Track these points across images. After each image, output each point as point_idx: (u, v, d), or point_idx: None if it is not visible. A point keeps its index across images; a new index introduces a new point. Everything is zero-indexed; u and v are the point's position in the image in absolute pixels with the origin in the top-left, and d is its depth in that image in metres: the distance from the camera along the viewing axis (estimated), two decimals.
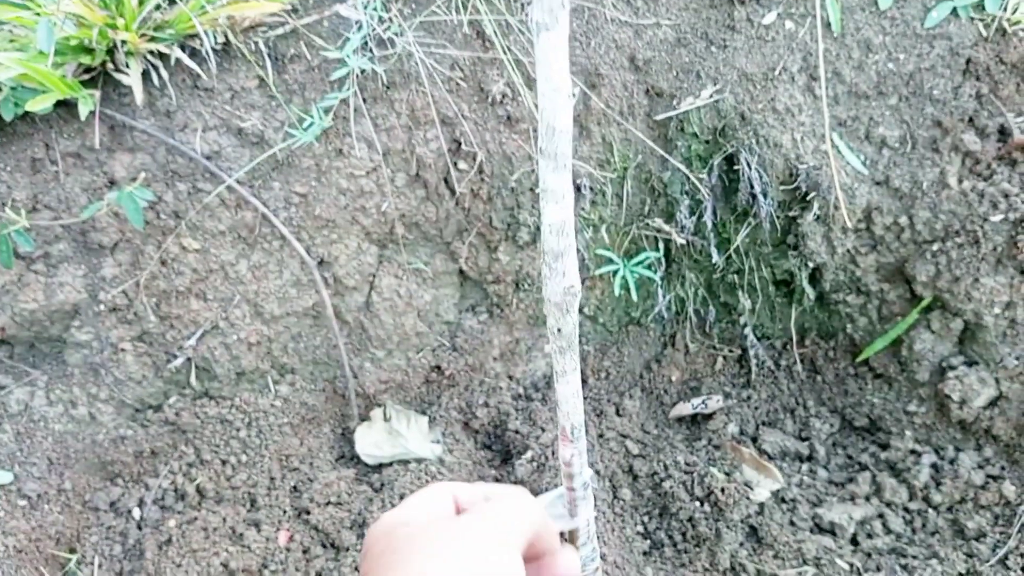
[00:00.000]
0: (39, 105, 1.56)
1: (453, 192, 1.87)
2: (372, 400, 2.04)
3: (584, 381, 2.17)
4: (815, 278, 1.96)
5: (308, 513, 1.83)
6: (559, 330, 0.92)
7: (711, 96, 1.82)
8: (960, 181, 1.78)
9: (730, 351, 2.16)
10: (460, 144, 1.82)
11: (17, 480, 1.77)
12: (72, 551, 1.77)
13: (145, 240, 1.78)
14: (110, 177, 1.75)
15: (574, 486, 1.08)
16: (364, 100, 1.76)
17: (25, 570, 1.70)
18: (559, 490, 0.98)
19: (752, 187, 1.81)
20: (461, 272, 2.03)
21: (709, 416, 2.09)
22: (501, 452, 2.06)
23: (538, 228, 1.92)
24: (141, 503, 1.82)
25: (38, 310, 1.77)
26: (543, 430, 1.98)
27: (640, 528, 1.87)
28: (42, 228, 1.74)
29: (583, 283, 2.06)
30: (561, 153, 0.74)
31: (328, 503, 1.85)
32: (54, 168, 1.75)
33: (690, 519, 1.82)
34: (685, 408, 2.11)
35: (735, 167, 1.83)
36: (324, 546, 1.80)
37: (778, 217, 1.86)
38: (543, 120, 0.71)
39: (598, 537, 1.77)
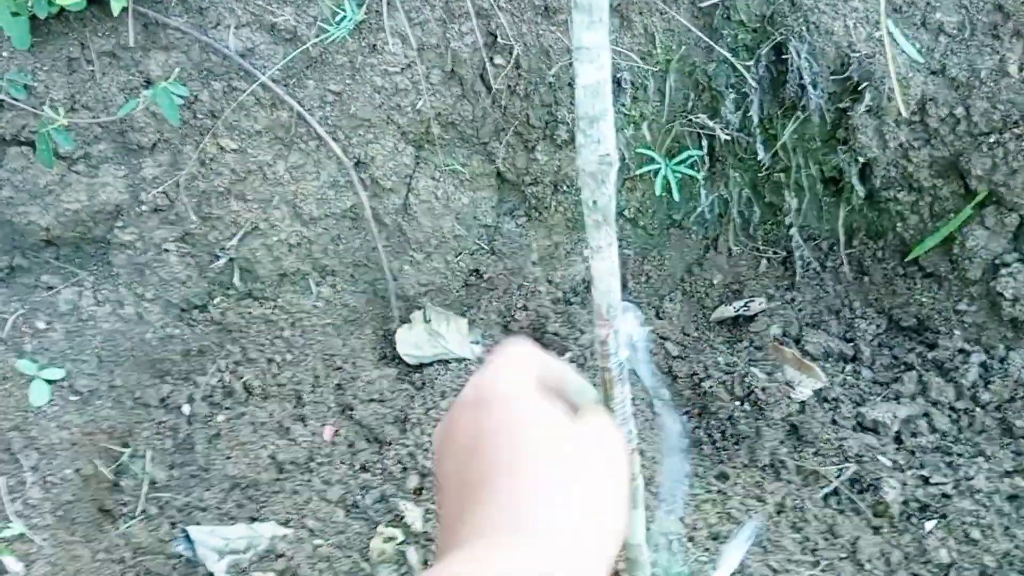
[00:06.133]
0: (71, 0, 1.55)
1: (489, 89, 1.83)
2: (412, 303, 2.05)
3: (624, 285, 2.14)
4: (865, 175, 1.89)
5: (352, 409, 1.86)
6: (594, 202, 0.89)
7: None
8: (1020, 69, 1.69)
9: (774, 253, 2.11)
10: (496, 37, 1.77)
11: (69, 376, 1.82)
12: (125, 445, 1.83)
13: (183, 140, 1.78)
14: (146, 76, 1.74)
15: (609, 366, 1.07)
16: None
17: (80, 461, 1.76)
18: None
19: (801, 78, 1.73)
20: (499, 174, 2.00)
21: (751, 318, 2.06)
22: None
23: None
24: (190, 399, 1.86)
25: (81, 210, 1.79)
26: (582, 332, 1.98)
27: (679, 427, 1.88)
28: (81, 128, 1.74)
29: (623, 184, 2.02)
30: (596, 6, 0.70)
31: (371, 400, 1.88)
32: (90, 68, 1.74)
33: (730, 418, 1.81)
34: (727, 311, 2.09)
35: (783, 57, 1.76)
36: (368, 440, 1.84)
37: (828, 110, 1.79)
38: None
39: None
